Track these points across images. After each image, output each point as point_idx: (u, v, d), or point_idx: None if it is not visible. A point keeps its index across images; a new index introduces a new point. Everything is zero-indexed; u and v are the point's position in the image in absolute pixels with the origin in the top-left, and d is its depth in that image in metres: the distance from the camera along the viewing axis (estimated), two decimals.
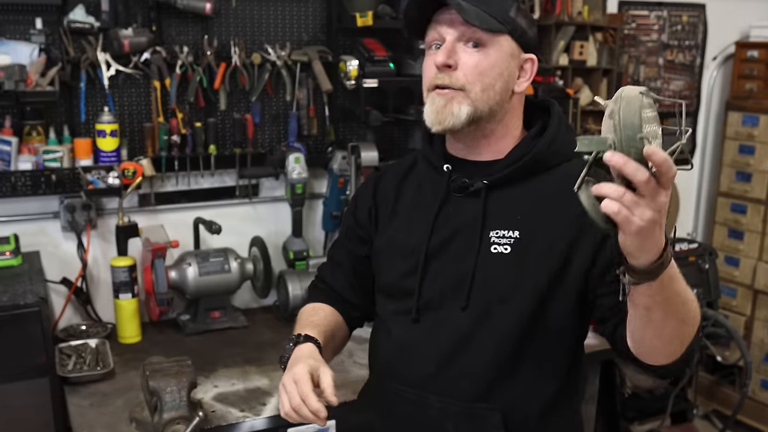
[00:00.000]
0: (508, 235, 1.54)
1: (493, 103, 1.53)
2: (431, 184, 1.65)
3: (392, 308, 1.66)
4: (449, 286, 1.57)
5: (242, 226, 3.00)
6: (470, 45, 1.51)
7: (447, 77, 1.51)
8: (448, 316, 1.57)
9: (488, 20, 1.49)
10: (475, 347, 1.54)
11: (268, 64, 2.84)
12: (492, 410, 1.54)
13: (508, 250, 1.53)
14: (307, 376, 1.46)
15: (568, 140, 1.61)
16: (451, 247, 1.58)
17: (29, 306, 2.19)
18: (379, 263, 1.72)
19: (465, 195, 1.59)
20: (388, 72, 2.90)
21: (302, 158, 2.87)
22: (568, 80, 3.44)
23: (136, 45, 2.62)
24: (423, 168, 1.69)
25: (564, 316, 1.55)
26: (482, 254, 1.54)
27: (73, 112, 2.67)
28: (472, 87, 1.51)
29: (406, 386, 1.61)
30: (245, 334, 2.73)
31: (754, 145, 3.90)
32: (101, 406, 2.20)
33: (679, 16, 3.95)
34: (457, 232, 1.58)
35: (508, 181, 1.57)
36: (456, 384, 1.56)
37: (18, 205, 2.68)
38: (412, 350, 1.61)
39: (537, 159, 1.57)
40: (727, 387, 4.02)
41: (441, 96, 1.52)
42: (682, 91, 4.07)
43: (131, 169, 2.66)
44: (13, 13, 2.54)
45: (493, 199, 1.57)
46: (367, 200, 1.78)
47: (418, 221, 1.63)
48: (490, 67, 1.51)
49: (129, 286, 2.63)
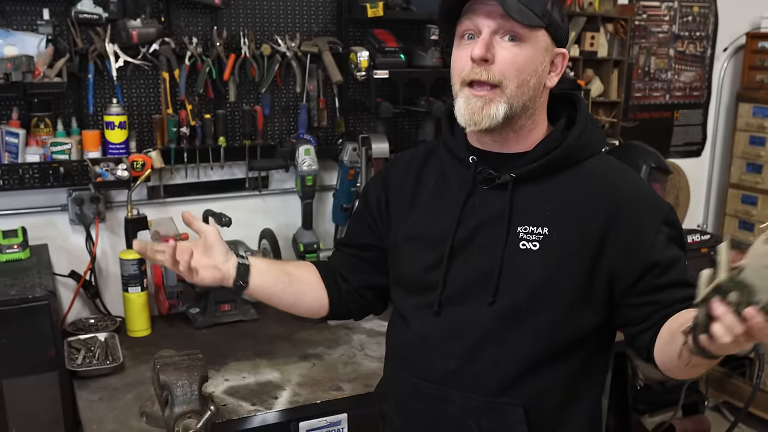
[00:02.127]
0: (537, 231, 1.52)
1: (527, 99, 1.51)
2: (456, 175, 1.62)
3: (413, 302, 1.64)
4: (473, 280, 1.55)
5: (252, 219, 2.98)
6: (507, 38, 1.47)
7: (485, 72, 1.47)
8: (472, 311, 1.55)
9: (528, 14, 1.44)
10: (500, 344, 1.53)
11: (277, 55, 2.82)
12: (514, 405, 1.52)
13: (536, 246, 1.51)
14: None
15: (595, 135, 1.60)
16: (476, 241, 1.56)
17: (38, 299, 2.18)
18: (400, 255, 1.69)
19: (491, 188, 1.56)
20: (399, 63, 2.89)
21: (312, 150, 2.85)
22: (579, 71, 3.42)
23: (145, 36, 2.60)
24: (445, 159, 1.66)
25: (591, 314, 1.54)
26: (510, 249, 1.52)
27: (82, 104, 2.65)
28: (508, 83, 1.47)
29: (427, 381, 1.60)
30: (256, 327, 2.72)
31: (764, 137, 3.88)
32: (111, 401, 2.19)
33: (690, 7, 3.92)
34: (483, 226, 1.56)
35: (536, 174, 1.54)
36: (479, 380, 1.54)
37: (26, 198, 2.66)
38: (434, 345, 1.59)
39: (566, 153, 1.54)
40: (738, 379, 4.02)
41: (478, 97, 1.48)
42: (693, 82, 4.04)
43: (140, 161, 2.64)
44: (20, 4, 2.52)
45: (521, 193, 1.54)
46: (377, 189, 1.77)
47: (442, 213, 1.61)
48: (527, 63, 1.48)
49: (138, 279, 2.61)
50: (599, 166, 1.58)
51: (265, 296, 1.76)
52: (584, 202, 1.52)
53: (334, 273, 1.82)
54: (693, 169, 4.12)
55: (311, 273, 1.82)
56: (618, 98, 3.60)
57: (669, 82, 3.96)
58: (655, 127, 3.97)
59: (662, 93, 3.96)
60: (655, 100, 3.95)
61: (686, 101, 4.05)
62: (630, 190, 1.55)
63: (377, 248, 1.79)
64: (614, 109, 3.62)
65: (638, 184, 1.60)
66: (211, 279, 1.67)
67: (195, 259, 1.65)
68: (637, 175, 1.63)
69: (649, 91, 3.92)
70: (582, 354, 1.56)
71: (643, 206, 1.53)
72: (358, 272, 1.81)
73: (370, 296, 1.84)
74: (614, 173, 1.58)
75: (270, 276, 1.74)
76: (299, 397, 2.21)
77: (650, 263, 1.49)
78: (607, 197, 1.52)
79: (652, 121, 3.96)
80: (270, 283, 1.74)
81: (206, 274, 1.66)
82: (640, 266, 1.49)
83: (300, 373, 2.36)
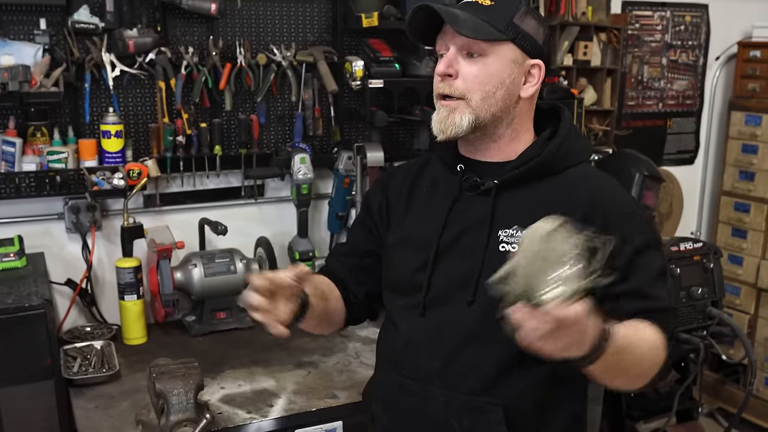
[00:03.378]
0: (516, 234, 1.57)
1: (496, 110, 1.57)
2: (445, 182, 1.68)
3: (401, 303, 1.69)
4: (456, 281, 1.60)
5: (248, 227, 2.99)
6: (468, 55, 1.55)
7: (448, 87, 1.57)
8: (454, 312, 1.59)
9: (486, 30, 1.52)
10: (480, 343, 1.57)
11: (273, 64, 2.84)
12: (494, 405, 1.57)
13: (516, 248, 1.54)
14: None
15: (578, 145, 1.65)
16: (459, 244, 1.62)
17: (34, 308, 2.19)
18: (392, 257, 1.74)
19: (476, 194, 1.62)
20: (394, 72, 2.91)
21: (308, 159, 2.87)
22: (573, 80, 3.44)
23: (141, 45, 2.61)
24: (437, 167, 1.73)
25: None
26: (490, 251, 1.57)
27: (78, 113, 2.67)
28: (472, 95, 1.55)
29: (412, 380, 1.64)
30: (251, 335, 2.72)
31: (757, 145, 3.90)
32: (107, 409, 2.20)
33: (682, 17, 3.95)
34: (467, 230, 1.61)
35: (518, 181, 1.60)
36: (460, 379, 1.59)
37: (22, 207, 2.67)
38: (418, 344, 1.64)
39: (547, 161, 1.60)
40: (732, 385, 4.04)
41: (445, 106, 1.58)
42: (686, 90, 4.06)
43: (136, 169, 2.65)
44: (17, 14, 2.53)
45: (503, 199, 1.60)
46: (378, 196, 1.82)
47: (432, 217, 1.66)
48: (490, 76, 1.55)
49: (134, 287, 2.62)
50: (581, 174, 1.63)
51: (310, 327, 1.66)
52: (564, 208, 1.55)
53: (346, 285, 1.81)
54: (686, 176, 4.14)
55: (334, 289, 1.77)
56: (611, 107, 3.63)
57: (662, 90, 3.99)
58: (649, 135, 3.99)
59: (655, 101, 3.99)
60: (648, 109, 3.97)
61: (679, 109, 4.08)
62: (608, 196, 1.60)
63: (374, 254, 1.82)
64: (607, 117, 3.64)
65: (617, 191, 1.64)
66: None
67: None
68: (618, 184, 1.67)
69: (642, 100, 3.94)
70: None
71: (619, 211, 1.57)
72: (361, 282, 1.83)
73: (372, 304, 1.86)
74: (594, 181, 1.63)
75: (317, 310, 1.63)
76: (295, 404, 2.23)
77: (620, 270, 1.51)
78: (584, 202, 1.56)
79: (646, 130, 3.99)
80: (315, 315, 1.63)
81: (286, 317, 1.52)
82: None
83: (295, 381, 2.37)
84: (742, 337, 3.17)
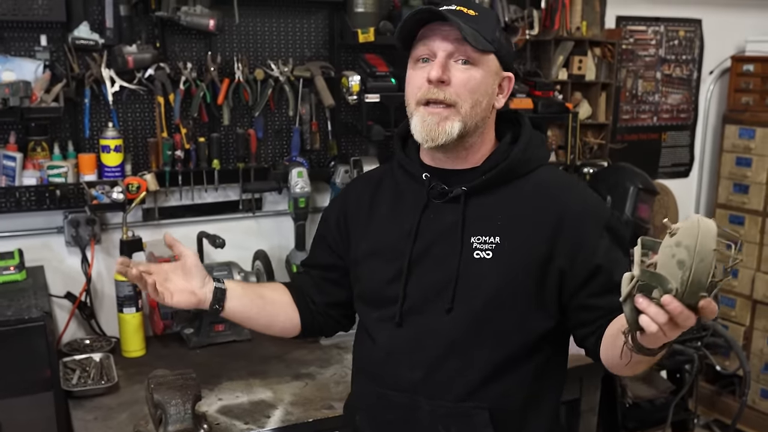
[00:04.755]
0: (489, 240, 1.60)
1: (479, 119, 1.60)
2: (411, 192, 1.70)
3: (375, 315, 1.72)
4: (432, 290, 1.62)
5: (246, 240, 3.02)
6: (461, 62, 1.57)
7: (441, 92, 1.56)
8: (432, 321, 1.62)
9: (480, 40, 1.54)
10: (462, 350, 1.60)
11: (270, 79, 2.87)
12: (480, 409, 1.60)
13: (490, 255, 1.59)
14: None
15: (540, 149, 1.70)
16: (433, 253, 1.64)
17: (34, 320, 2.21)
18: (361, 271, 1.77)
19: (444, 202, 1.65)
20: (390, 87, 2.93)
21: (305, 172, 2.89)
22: (568, 94, 3.47)
23: (140, 61, 2.64)
24: (400, 177, 1.74)
25: (545, 318, 1.62)
26: (465, 259, 1.60)
27: (78, 128, 2.69)
28: (463, 103, 1.57)
29: (395, 390, 1.67)
30: (249, 347, 2.74)
31: (750, 158, 3.94)
32: (106, 420, 2.21)
33: (676, 31, 3.99)
34: (439, 238, 1.64)
35: (486, 187, 1.63)
36: (445, 387, 1.62)
37: (22, 220, 2.69)
38: (398, 356, 1.65)
39: (513, 166, 1.63)
40: (728, 396, 4.05)
41: (433, 114, 1.57)
42: (680, 104, 4.10)
43: (135, 183, 2.68)
44: (19, 30, 2.56)
45: (472, 206, 1.63)
46: (335, 211, 1.85)
47: (400, 228, 1.68)
48: (479, 85, 1.58)
49: (133, 300, 2.64)
50: (546, 177, 1.67)
51: (241, 319, 1.83)
52: (532, 212, 1.61)
53: (304, 294, 1.89)
54: (681, 189, 4.17)
55: (284, 295, 1.89)
56: (606, 120, 3.65)
57: (656, 104, 4.02)
58: (643, 149, 4.02)
59: (650, 115, 4.02)
60: (642, 122, 4.01)
61: (673, 123, 4.11)
62: (574, 197, 1.64)
63: (339, 268, 1.86)
64: (602, 131, 3.67)
65: (582, 193, 1.68)
66: (185, 303, 1.72)
67: (173, 282, 1.71)
68: (582, 184, 1.74)
69: (636, 114, 3.98)
70: (540, 357, 1.64)
71: (585, 213, 1.61)
72: (323, 292, 1.89)
73: (336, 314, 1.92)
74: (560, 183, 1.68)
75: (245, 300, 1.81)
76: (292, 416, 2.24)
77: (593, 267, 1.57)
78: (553, 205, 1.60)
79: (640, 143, 4.02)
80: (245, 307, 1.81)
81: (182, 297, 1.71)
82: (584, 270, 1.57)
83: (292, 393, 2.39)
84: (736, 348, 3.19)
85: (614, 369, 1.55)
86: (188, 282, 1.73)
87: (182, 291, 1.71)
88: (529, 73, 3.37)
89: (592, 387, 2.74)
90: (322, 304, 1.89)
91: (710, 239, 1.13)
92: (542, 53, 3.45)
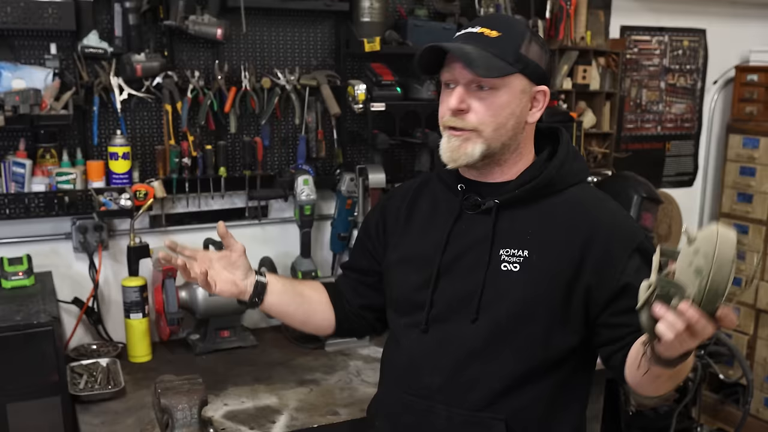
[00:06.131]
0: (517, 253, 1.60)
1: (506, 139, 1.60)
2: (446, 202, 1.72)
3: (404, 322, 1.73)
4: (458, 299, 1.63)
5: (251, 247, 2.95)
6: (480, 88, 1.57)
7: (460, 121, 1.58)
8: (457, 329, 1.63)
9: (496, 65, 1.53)
10: (483, 361, 1.60)
11: (277, 88, 2.89)
12: (497, 420, 1.60)
13: (517, 267, 1.59)
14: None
15: (576, 166, 1.68)
16: (461, 263, 1.65)
17: (42, 325, 2.22)
18: (393, 276, 1.79)
19: (477, 213, 1.65)
20: (396, 96, 2.95)
21: (311, 180, 2.91)
22: (572, 104, 3.49)
23: (149, 69, 2.67)
24: (438, 188, 1.76)
25: (569, 334, 1.61)
26: (492, 270, 1.61)
27: (86, 135, 2.72)
28: (485, 128, 1.57)
29: (415, 396, 1.68)
30: (254, 353, 2.76)
31: (754, 167, 3.94)
32: (113, 425, 2.23)
33: (680, 41, 4.00)
34: (469, 249, 1.65)
35: (518, 201, 1.63)
36: (463, 395, 1.62)
37: (31, 227, 2.71)
38: (421, 361, 1.67)
39: (547, 182, 1.63)
40: (731, 405, 4.04)
41: (456, 137, 1.59)
42: (684, 114, 4.11)
43: (143, 190, 2.70)
44: (29, 39, 2.59)
45: (504, 219, 1.63)
46: (376, 217, 1.88)
47: (433, 237, 1.70)
48: (501, 108, 1.57)
49: (140, 305, 2.67)
50: (579, 194, 1.67)
51: (278, 313, 1.88)
52: (563, 228, 1.60)
53: (341, 294, 1.92)
54: (685, 198, 4.18)
55: (321, 294, 1.92)
56: (610, 129, 3.67)
57: (660, 113, 4.03)
58: (648, 158, 4.04)
59: (654, 124, 4.03)
60: (646, 132, 4.02)
61: (677, 132, 4.12)
62: (606, 217, 1.64)
63: (376, 273, 1.88)
64: (607, 140, 3.68)
65: (615, 212, 1.68)
66: (228, 293, 1.76)
67: (216, 271, 1.74)
68: (615, 204, 1.72)
69: (640, 123, 3.99)
70: (562, 373, 1.63)
71: (617, 232, 1.61)
72: (359, 295, 1.92)
73: (370, 317, 1.94)
74: (593, 201, 1.67)
75: (284, 296, 1.84)
76: (297, 421, 2.26)
77: (621, 286, 1.56)
78: (584, 223, 1.60)
79: (645, 152, 4.03)
80: (284, 303, 1.85)
81: (225, 287, 1.75)
82: (612, 288, 1.57)
83: (298, 398, 2.41)
84: (739, 357, 3.19)
85: (638, 387, 1.53)
86: (232, 273, 1.77)
87: (225, 281, 1.75)
88: None
89: (595, 395, 2.75)
90: (357, 306, 1.92)
91: (729, 248, 1.13)
92: None
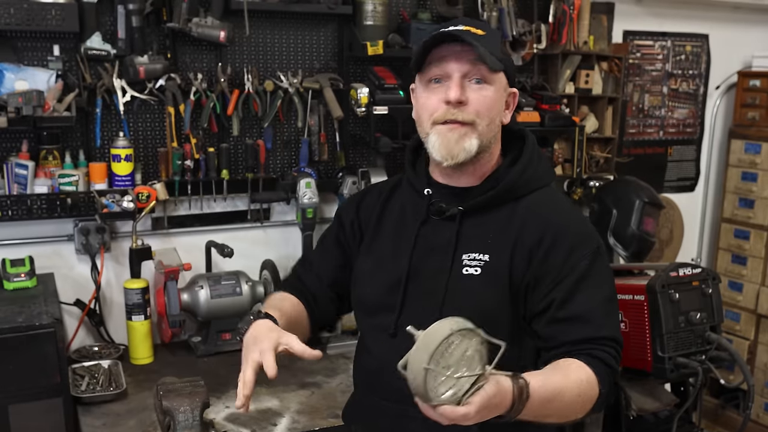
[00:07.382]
0: (479, 258, 1.63)
1: (492, 136, 1.63)
2: (413, 206, 1.74)
3: (371, 324, 1.75)
4: (423, 304, 1.65)
5: (253, 250, 3.04)
6: (474, 81, 1.59)
7: (459, 113, 1.58)
8: None
9: (493, 59, 1.56)
10: None
11: (280, 91, 2.90)
12: None
13: (478, 271, 1.62)
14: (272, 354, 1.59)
15: (540, 170, 1.70)
16: (426, 267, 1.67)
17: (44, 327, 2.22)
18: (362, 278, 1.79)
19: (442, 218, 1.68)
20: (398, 99, 2.95)
21: (313, 183, 2.92)
22: (575, 108, 3.49)
23: (152, 72, 2.67)
24: (407, 191, 1.78)
25: (528, 333, 1.64)
26: (454, 275, 1.63)
27: (89, 137, 2.72)
28: (480, 121, 1.59)
29: (388, 400, 1.69)
30: None
31: (756, 173, 3.95)
32: (114, 426, 2.23)
33: (683, 46, 4.01)
34: (433, 253, 1.67)
35: (481, 207, 1.65)
36: None
37: (33, 228, 2.72)
38: (391, 365, 1.66)
39: (508, 188, 1.65)
40: (732, 410, 4.05)
41: (453, 131, 1.58)
42: (686, 119, 4.11)
43: (145, 193, 2.71)
44: (32, 41, 2.60)
45: (468, 224, 1.66)
46: (351, 213, 1.86)
47: (401, 240, 1.72)
48: (494, 103, 1.61)
49: (142, 308, 2.67)
50: (542, 198, 1.68)
51: None
52: (520, 230, 1.62)
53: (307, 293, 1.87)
54: (687, 203, 4.18)
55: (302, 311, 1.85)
56: (612, 134, 3.67)
57: (662, 118, 4.04)
58: (650, 163, 4.04)
59: (656, 129, 4.04)
60: (649, 137, 4.02)
61: (680, 137, 4.13)
62: (561, 219, 1.65)
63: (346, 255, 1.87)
64: (609, 144, 3.68)
65: (571, 215, 1.69)
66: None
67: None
68: (575, 209, 1.74)
69: (643, 128, 3.99)
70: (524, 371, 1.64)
71: (569, 235, 1.62)
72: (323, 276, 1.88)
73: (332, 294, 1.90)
74: (552, 205, 1.69)
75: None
76: (298, 424, 2.26)
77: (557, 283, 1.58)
78: (539, 225, 1.62)
79: (647, 157, 4.03)
80: None
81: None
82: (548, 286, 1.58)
83: (299, 401, 2.41)
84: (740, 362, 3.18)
85: None
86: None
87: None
88: (536, 86, 3.39)
89: None
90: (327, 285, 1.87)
91: (435, 341, 1.26)
92: (549, 67, 3.47)
